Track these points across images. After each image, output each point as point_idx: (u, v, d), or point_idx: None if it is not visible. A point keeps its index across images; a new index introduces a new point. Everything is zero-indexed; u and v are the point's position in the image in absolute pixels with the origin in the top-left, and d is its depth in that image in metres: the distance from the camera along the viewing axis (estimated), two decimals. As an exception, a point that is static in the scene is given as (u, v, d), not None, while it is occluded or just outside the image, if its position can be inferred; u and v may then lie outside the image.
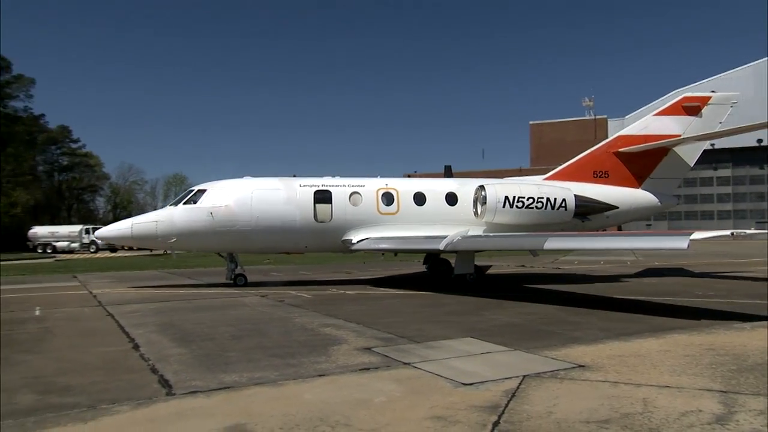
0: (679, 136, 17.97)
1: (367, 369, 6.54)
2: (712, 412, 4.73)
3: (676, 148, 18.34)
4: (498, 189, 16.23)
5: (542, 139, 79.76)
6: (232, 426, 4.61)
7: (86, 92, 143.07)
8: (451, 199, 17.07)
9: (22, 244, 58.92)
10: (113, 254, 49.72)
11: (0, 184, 63.69)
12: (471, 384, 5.76)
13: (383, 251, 17.96)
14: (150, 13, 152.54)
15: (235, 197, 15.79)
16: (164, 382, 6.01)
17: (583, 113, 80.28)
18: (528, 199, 15.98)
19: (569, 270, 21.91)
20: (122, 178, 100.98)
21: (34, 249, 56.91)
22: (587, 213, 17.02)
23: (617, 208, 17.30)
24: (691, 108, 18.25)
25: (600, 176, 17.99)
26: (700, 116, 18.25)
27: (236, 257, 16.73)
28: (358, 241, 16.19)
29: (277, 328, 9.51)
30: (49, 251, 55.28)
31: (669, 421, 4.52)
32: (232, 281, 16.48)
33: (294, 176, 18.59)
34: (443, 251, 15.14)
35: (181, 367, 6.72)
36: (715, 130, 18.45)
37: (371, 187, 16.87)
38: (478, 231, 16.12)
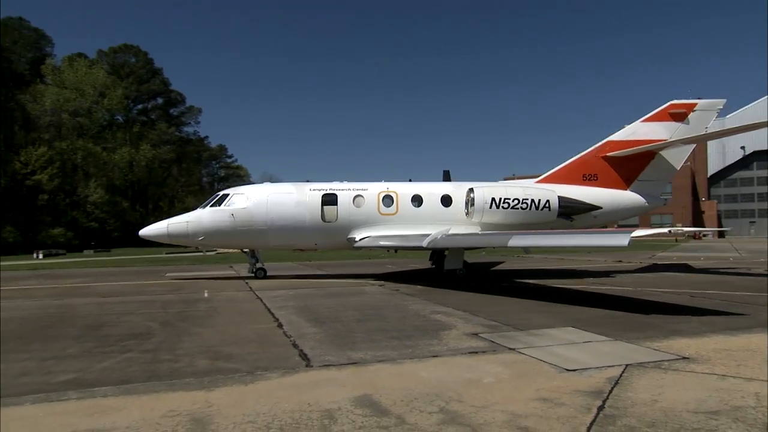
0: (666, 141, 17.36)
1: (475, 352, 6.43)
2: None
3: (662, 152, 17.59)
4: (485, 191, 16.05)
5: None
6: (361, 396, 4.75)
7: (236, 115, 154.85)
8: (446, 200, 16.80)
9: (191, 241, 65.02)
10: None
11: (177, 192, 71.09)
12: (574, 370, 5.46)
13: (382, 248, 17.56)
14: (278, 47, 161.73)
15: (253, 200, 16.13)
16: (303, 356, 6.32)
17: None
18: (513, 201, 15.81)
19: (662, 263, 20.07)
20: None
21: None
22: (571, 213, 16.52)
23: (600, 208, 16.74)
24: (678, 114, 17.52)
25: (589, 179, 17.46)
26: (687, 122, 17.52)
27: (257, 253, 17.15)
28: (360, 239, 16.22)
29: (395, 313, 9.63)
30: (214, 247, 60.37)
31: (785, 417, 3.98)
32: (253, 274, 16.89)
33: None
34: (426, 248, 14.84)
35: (316, 343, 7.02)
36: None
37: (373, 190, 16.79)
38: (462, 230, 15.72)
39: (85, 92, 55.91)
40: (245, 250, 17.31)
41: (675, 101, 17.87)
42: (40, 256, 35.03)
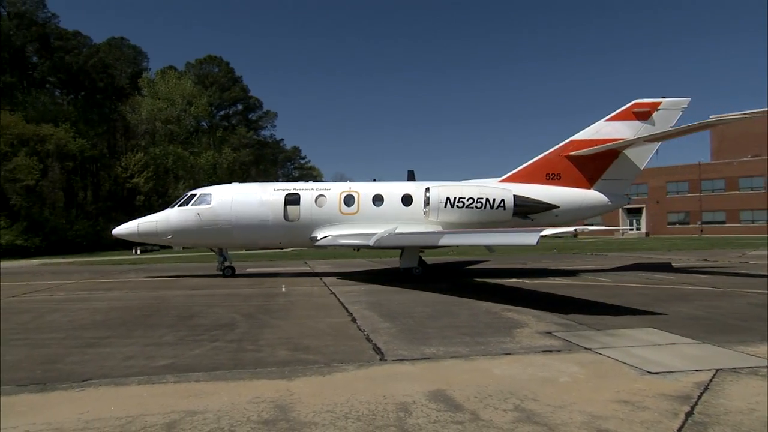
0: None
1: (550, 351, 6.22)
2: None
3: (626, 151, 17.01)
4: (441, 191, 15.72)
5: (725, 133, 67.88)
6: (435, 390, 4.74)
7: (307, 116, 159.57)
8: (407, 200, 16.32)
9: (269, 238, 67.98)
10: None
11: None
12: (657, 373, 5.13)
13: (341, 247, 17.10)
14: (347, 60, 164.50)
15: (218, 200, 16.15)
16: (377, 350, 6.40)
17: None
18: (468, 200, 15.51)
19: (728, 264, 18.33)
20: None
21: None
22: (528, 212, 16.14)
23: (557, 207, 16.29)
24: (642, 113, 16.95)
25: (552, 178, 17.02)
26: (651, 121, 16.92)
27: (225, 252, 17.24)
28: (321, 238, 15.96)
29: (465, 310, 9.50)
30: (287, 243, 62.75)
31: None
32: (221, 273, 16.98)
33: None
34: (373, 247, 14.40)
35: (389, 338, 7.09)
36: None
37: (336, 190, 16.61)
38: (422, 229, 15.26)
39: (175, 102, 59.87)
40: (213, 249, 17.58)
41: (639, 100, 17.28)
42: (138, 252, 38.00)
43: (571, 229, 10.66)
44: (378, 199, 16.44)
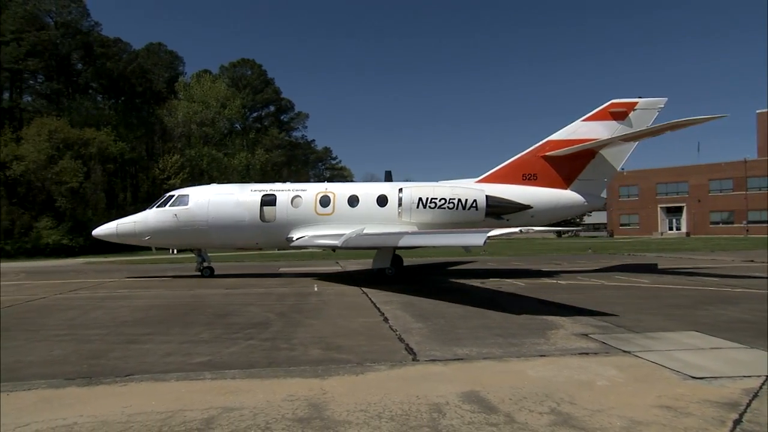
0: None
1: (586, 353, 6.07)
2: None
3: (602, 151, 16.82)
4: (413, 191, 15.72)
5: (773, 128, 64.86)
6: (468, 392, 4.70)
7: (338, 117, 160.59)
8: (382, 201, 16.25)
9: (301, 238, 68.88)
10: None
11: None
12: (701, 378, 4.95)
13: (316, 247, 16.92)
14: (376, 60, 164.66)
15: (195, 201, 16.20)
16: (409, 350, 6.39)
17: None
18: (440, 201, 15.48)
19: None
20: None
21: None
22: (501, 213, 16.04)
23: (531, 207, 16.18)
24: (618, 113, 16.84)
25: (529, 178, 16.94)
26: (627, 121, 16.80)
27: (203, 252, 17.27)
28: (297, 239, 15.84)
29: (498, 310, 9.39)
30: (319, 243, 63.45)
31: None
32: (199, 273, 17.11)
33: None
34: (339, 247, 14.45)
35: (422, 338, 7.06)
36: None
37: (312, 191, 16.64)
38: (396, 229, 15.02)
39: (210, 104, 61.36)
40: (193, 250, 17.70)
41: (615, 100, 17.15)
42: (175, 251, 39.06)
43: (516, 229, 10.58)
44: (353, 200, 16.47)
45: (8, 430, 3.99)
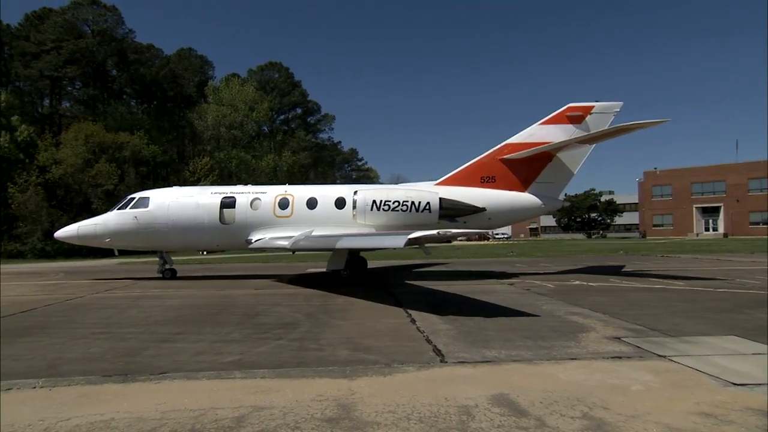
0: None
1: (619, 357, 5.92)
2: None
3: (559, 155, 16.99)
4: (367, 194, 15.93)
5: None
6: (497, 394, 4.64)
7: (364, 119, 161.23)
8: (340, 203, 16.40)
9: (327, 239, 69.57)
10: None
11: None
12: (743, 385, 4.76)
13: (274, 249, 16.78)
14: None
15: (155, 203, 16.37)
16: (437, 351, 6.35)
17: None
18: (394, 203, 15.67)
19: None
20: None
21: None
22: (455, 215, 16.18)
23: (484, 210, 16.38)
24: (575, 117, 16.95)
25: (487, 181, 17.11)
26: (584, 125, 16.90)
27: (165, 255, 17.39)
28: (255, 240, 15.90)
29: (527, 312, 9.26)
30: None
31: None
32: (161, 275, 17.20)
33: None
34: (291, 249, 14.83)
35: (449, 340, 7.01)
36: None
37: (271, 193, 16.76)
38: (354, 231, 15.27)
39: (238, 107, 62.52)
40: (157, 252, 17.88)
41: (573, 104, 17.30)
42: (205, 252, 39.89)
43: (434, 232, 10.62)
44: (312, 203, 16.60)
45: (51, 424, 4.14)
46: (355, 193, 16.28)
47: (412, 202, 15.73)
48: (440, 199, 15.86)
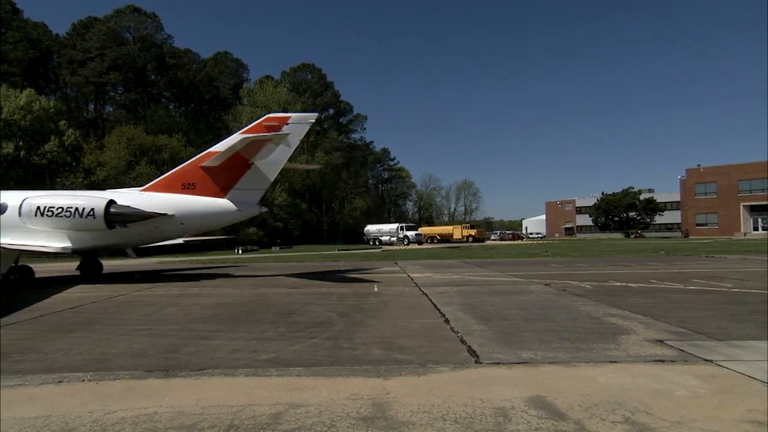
0: (260, 153, 17.53)
1: (662, 361, 5.72)
2: None
3: (257, 162, 17.67)
4: (32, 201, 16.41)
5: None
6: (534, 397, 4.56)
7: (397, 118, 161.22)
8: (2, 209, 16.75)
9: (359, 239, 69.95)
10: (420, 246, 54.87)
11: (347, 194, 76.98)
12: (797, 392, 4.53)
13: None
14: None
15: None
16: (472, 352, 6.29)
17: None
18: (57, 209, 16.24)
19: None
20: (425, 186, 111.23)
21: (367, 242, 66.96)
22: (126, 221, 16.72)
23: (164, 215, 16.92)
24: (272, 127, 17.57)
25: (188, 187, 17.66)
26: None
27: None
28: None
29: (564, 314, 9.06)
30: (377, 243, 64.28)
31: None
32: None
33: None
34: None
35: (484, 341, 6.94)
36: (291, 147, 18.15)
37: None
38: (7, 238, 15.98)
39: (272, 109, 63.43)
40: None
41: (271, 114, 18.34)
42: (240, 251, 40.77)
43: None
44: None
45: (99, 416, 4.31)
46: (24, 200, 16.82)
47: (76, 209, 16.40)
48: (107, 205, 16.43)
